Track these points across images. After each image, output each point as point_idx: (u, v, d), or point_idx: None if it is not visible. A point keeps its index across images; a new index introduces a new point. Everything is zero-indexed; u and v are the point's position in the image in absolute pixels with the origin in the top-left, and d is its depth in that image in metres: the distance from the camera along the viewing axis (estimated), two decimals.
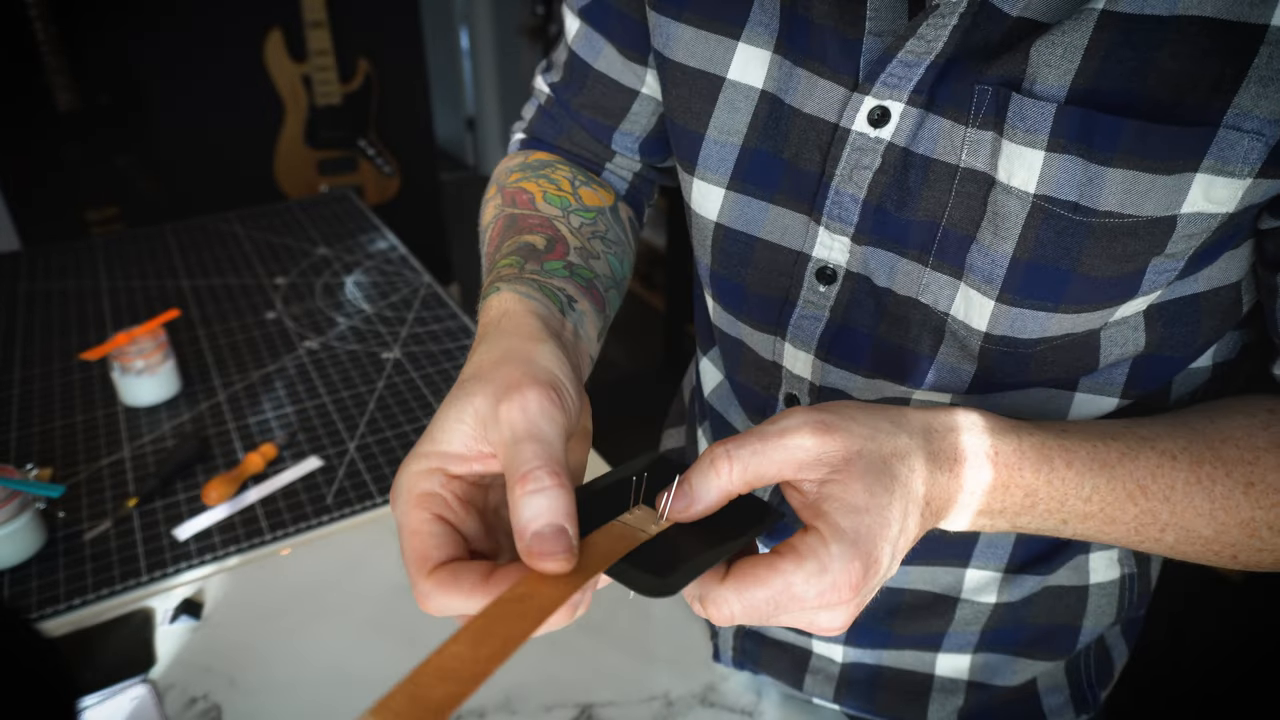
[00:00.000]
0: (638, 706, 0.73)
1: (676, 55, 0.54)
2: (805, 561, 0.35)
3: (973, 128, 0.43)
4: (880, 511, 0.36)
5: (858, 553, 0.35)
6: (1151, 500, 0.43)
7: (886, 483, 0.37)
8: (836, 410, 0.39)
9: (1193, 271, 0.44)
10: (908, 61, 0.44)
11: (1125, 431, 0.45)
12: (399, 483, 0.38)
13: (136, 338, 1.09)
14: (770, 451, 0.37)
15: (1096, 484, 0.43)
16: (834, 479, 0.37)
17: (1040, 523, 0.43)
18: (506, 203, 0.60)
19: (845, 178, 0.48)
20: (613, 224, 0.62)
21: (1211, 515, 0.44)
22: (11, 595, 0.83)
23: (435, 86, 3.50)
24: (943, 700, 0.65)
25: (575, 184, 0.63)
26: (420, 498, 0.37)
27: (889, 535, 0.36)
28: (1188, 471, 0.44)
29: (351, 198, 1.82)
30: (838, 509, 0.36)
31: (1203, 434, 0.45)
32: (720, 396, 0.68)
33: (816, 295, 0.53)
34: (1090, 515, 0.43)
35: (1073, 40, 0.40)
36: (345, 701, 0.73)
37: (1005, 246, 0.44)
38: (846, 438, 0.37)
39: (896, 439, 0.39)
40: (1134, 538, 0.45)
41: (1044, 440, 0.43)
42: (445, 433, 0.38)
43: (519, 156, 0.66)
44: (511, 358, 0.40)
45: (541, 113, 0.68)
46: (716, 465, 0.37)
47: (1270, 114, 0.37)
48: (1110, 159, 0.40)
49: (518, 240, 0.54)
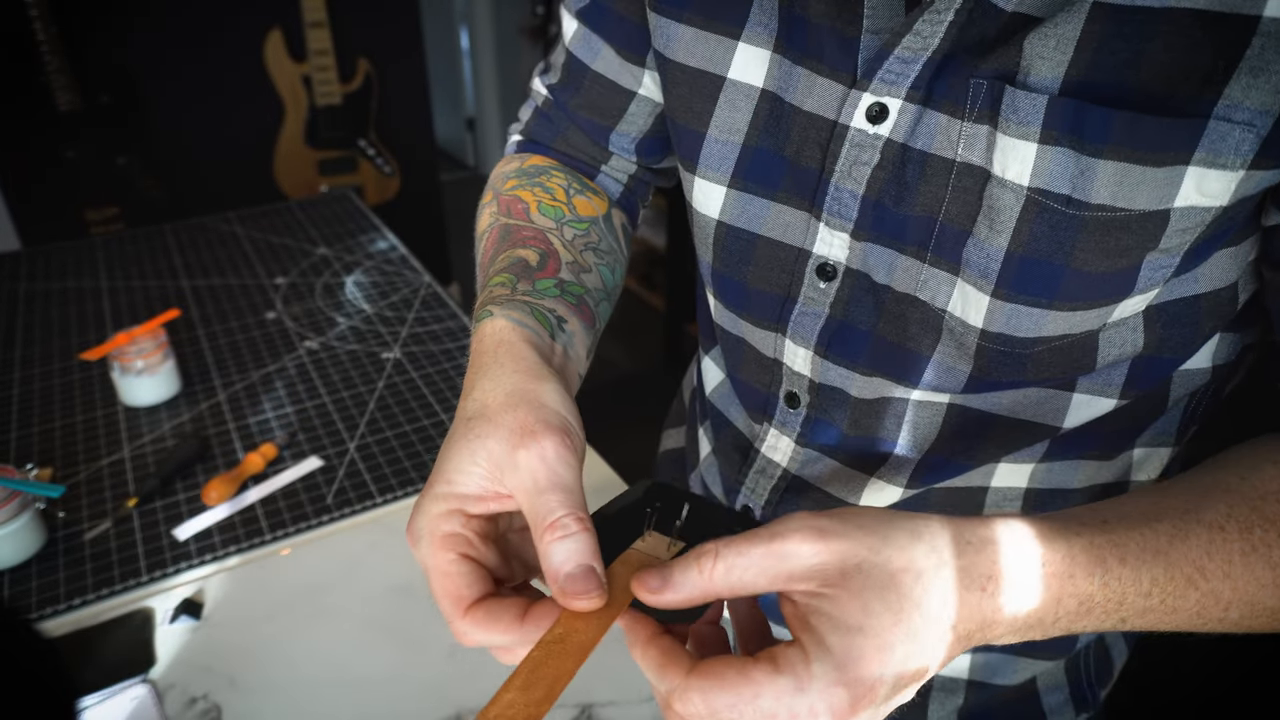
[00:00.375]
0: (638, 706, 0.73)
1: (677, 55, 0.54)
2: (780, 676, 0.32)
3: (968, 122, 0.43)
4: (879, 634, 0.32)
5: (843, 678, 0.32)
6: (1212, 580, 0.40)
7: (891, 601, 0.33)
8: (841, 516, 0.35)
9: (1189, 269, 0.44)
10: (905, 58, 0.44)
11: (1164, 508, 0.41)
12: (419, 526, 0.39)
13: (136, 338, 1.09)
14: (758, 557, 0.34)
15: (1154, 576, 0.39)
16: (826, 592, 0.33)
17: (1098, 624, 0.39)
18: (502, 211, 0.60)
19: (845, 174, 0.49)
20: (605, 234, 0.63)
21: (1275, 584, 0.41)
22: (11, 595, 0.83)
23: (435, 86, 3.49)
24: (943, 699, 0.65)
25: (570, 193, 0.63)
26: (444, 539, 0.38)
27: (890, 661, 0.32)
28: (1241, 541, 0.40)
29: (351, 198, 1.82)
30: (827, 626, 0.32)
31: (1240, 493, 0.42)
32: (721, 395, 0.69)
33: (817, 292, 0.53)
34: (1150, 610, 0.40)
35: (1065, 32, 0.40)
36: (345, 701, 0.73)
37: (1000, 241, 0.44)
38: (846, 546, 0.34)
39: (912, 553, 0.34)
40: (1196, 621, 0.41)
41: (1092, 539, 0.38)
42: (460, 474, 0.39)
43: (515, 161, 0.67)
44: (520, 400, 0.40)
45: (538, 114, 0.68)
46: (701, 561, 0.34)
47: (1261, 105, 0.37)
48: (1101, 150, 0.40)
49: (511, 254, 0.55)
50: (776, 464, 0.62)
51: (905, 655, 0.33)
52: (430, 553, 0.38)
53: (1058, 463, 0.55)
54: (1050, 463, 0.55)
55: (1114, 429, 0.54)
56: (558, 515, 0.36)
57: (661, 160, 0.68)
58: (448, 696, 0.73)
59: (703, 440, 0.74)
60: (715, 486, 0.71)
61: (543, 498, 0.37)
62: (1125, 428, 0.54)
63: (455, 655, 0.77)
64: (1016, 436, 0.54)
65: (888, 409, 0.55)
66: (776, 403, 0.60)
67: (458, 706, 0.73)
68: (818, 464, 0.60)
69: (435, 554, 0.38)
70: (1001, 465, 0.56)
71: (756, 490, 0.64)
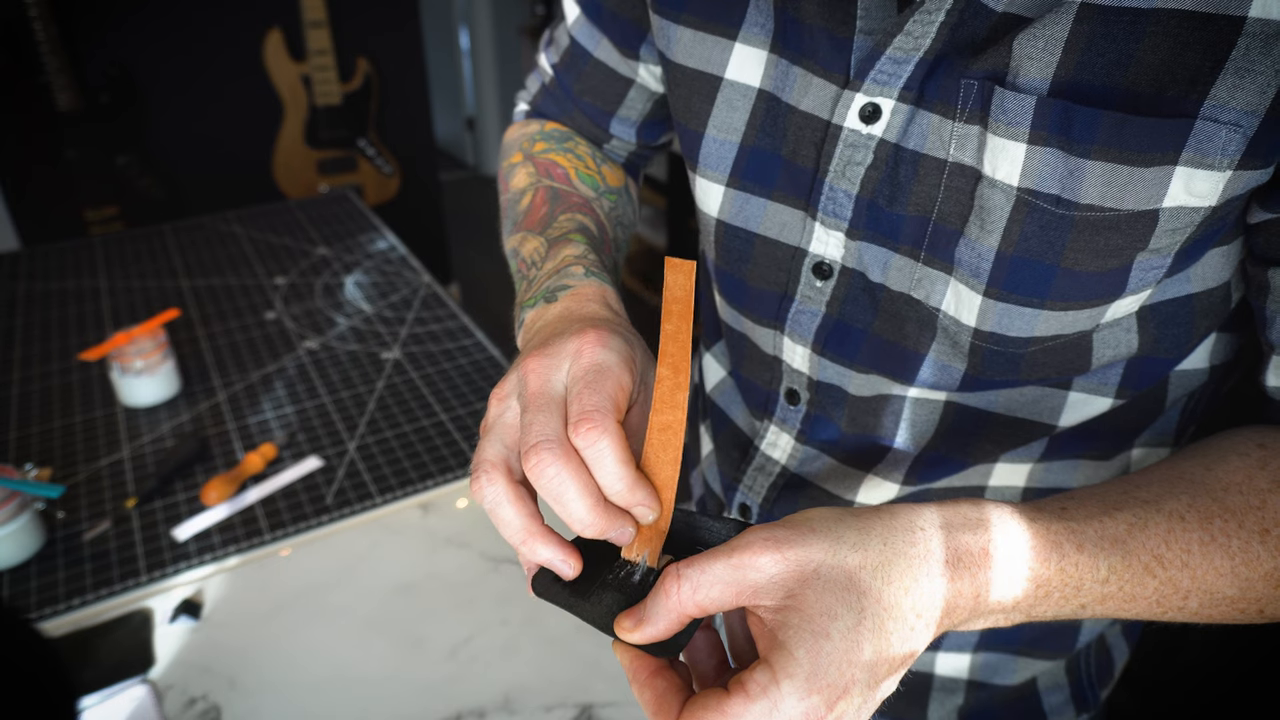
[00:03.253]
0: (638, 707, 0.72)
1: (677, 56, 0.55)
2: (754, 702, 0.32)
3: (960, 122, 0.44)
4: (846, 635, 0.33)
5: (815, 686, 0.32)
6: (1170, 569, 0.40)
7: (851, 601, 0.34)
8: (793, 524, 0.36)
9: (1181, 269, 0.44)
10: (897, 58, 0.45)
11: (1126, 498, 0.42)
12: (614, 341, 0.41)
13: (136, 338, 1.09)
14: (721, 571, 0.34)
15: (1112, 564, 0.39)
16: (789, 604, 0.34)
17: (1057, 610, 0.40)
18: (541, 173, 0.63)
19: (839, 174, 0.49)
20: (626, 205, 0.67)
21: (1234, 573, 0.41)
22: (11, 595, 0.83)
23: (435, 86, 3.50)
24: (943, 699, 0.65)
25: (598, 161, 0.67)
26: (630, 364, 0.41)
27: (860, 661, 0.33)
28: (1200, 530, 0.41)
29: (351, 198, 1.82)
30: (794, 638, 0.33)
31: (1203, 485, 0.43)
32: (723, 392, 0.69)
33: (813, 290, 0.53)
34: (1109, 596, 0.40)
35: (1053, 33, 0.40)
36: (345, 701, 0.73)
37: (991, 240, 0.44)
38: (801, 553, 0.34)
39: (866, 549, 0.35)
40: (1156, 610, 0.42)
41: (1048, 525, 0.39)
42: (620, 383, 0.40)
43: (534, 124, 0.69)
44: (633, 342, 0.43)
45: (545, 91, 0.70)
46: (666, 585, 0.35)
47: (1247, 105, 0.37)
48: (1089, 151, 0.40)
49: (574, 218, 0.58)
50: (776, 461, 0.62)
51: (874, 650, 0.34)
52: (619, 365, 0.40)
53: (1056, 463, 0.55)
54: (1049, 463, 0.55)
55: (1112, 429, 0.54)
56: (586, 408, 0.38)
57: (660, 138, 0.70)
58: (448, 696, 0.73)
59: (704, 438, 0.74)
60: (715, 484, 0.71)
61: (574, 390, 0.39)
62: (1123, 428, 0.54)
63: (455, 655, 0.77)
64: (1013, 434, 0.54)
65: (885, 406, 0.55)
66: (777, 399, 0.60)
67: (458, 706, 0.73)
68: (816, 461, 0.60)
69: (623, 370, 0.40)
70: (1000, 465, 0.56)
71: (755, 488, 0.64)
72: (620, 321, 0.46)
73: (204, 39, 2.53)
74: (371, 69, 2.72)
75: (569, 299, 0.48)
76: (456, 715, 0.72)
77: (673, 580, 0.35)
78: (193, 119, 2.59)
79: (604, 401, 0.38)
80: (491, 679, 0.75)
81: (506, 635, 0.79)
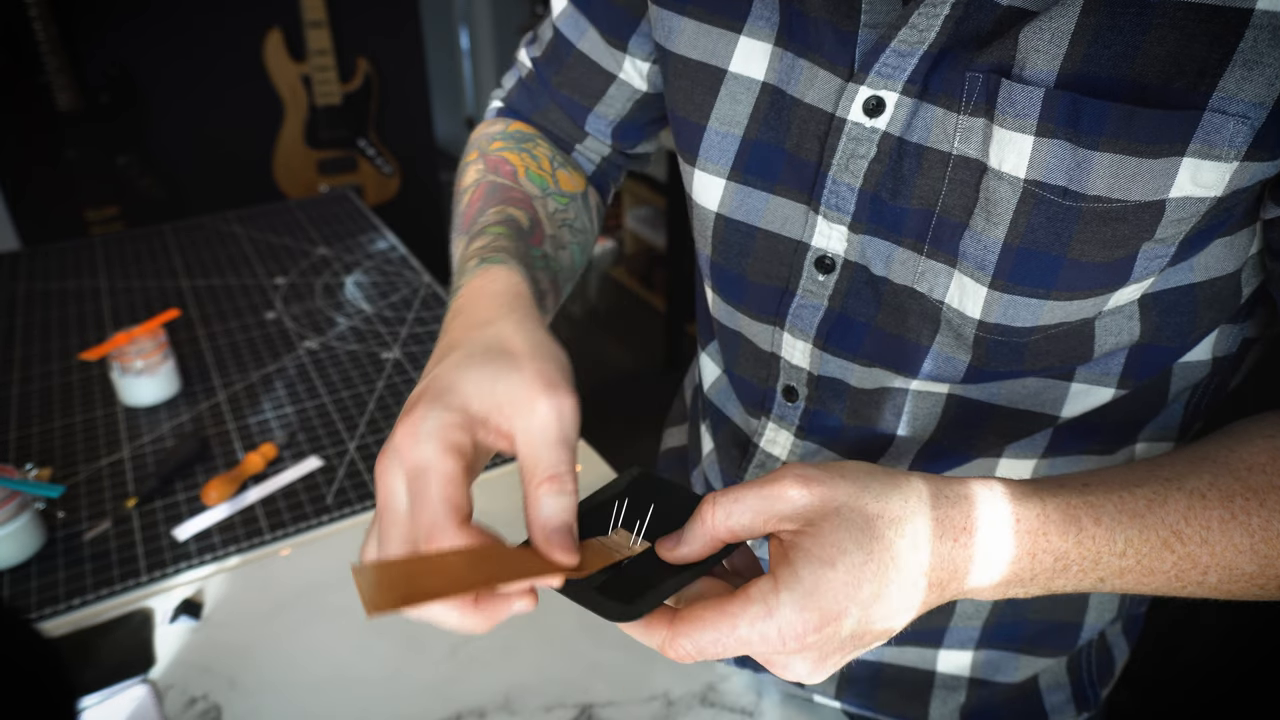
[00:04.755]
0: (638, 706, 0.73)
1: (679, 48, 0.55)
2: (751, 605, 0.35)
3: (964, 115, 0.44)
4: (851, 569, 0.35)
5: (812, 603, 0.35)
6: (1189, 545, 0.41)
7: (864, 541, 0.36)
8: (828, 466, 0.38)
9: (1185, 258, 0.44)
10: (901, 51, 0.45)
11: (1148, 476, 0.42)
12: (426, 426, 0.36)
13: (136, 338, 1.09)
14: (752, 500, 0.37)
15: (1129, 537, 0.40)
16: (807, 530, 0.36)
17: (1076, 584, 0.41)
18: (489, 169, 0.61)
19: (842, 167, 0.49)
20: (582, 211, 0.64)
21: (1253, 550, 0.41)
22: (11, 595, 0.83)
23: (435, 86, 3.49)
24: (944, 697, 0.65)
25: (554, 164, 0.64)
26: (454, 447, 0.36)
27: (857, 596, 0.35)
28: (1220, 508, 0.41)
29: (351, 198, 1.82)
30: (802, 558, 0.35)
31: (1226, 464, 0.43)
32: (719, 391, 0.69)
33: (815, 284, 0.53)
34: (1127, 570, 0.41)
35: (1060, 25, 0.40)
36: (345, 701, 0.73)
37: (997, 232, 0.44)
38: (827, 490, 0.37)
39: (888, 501, 0.37)
40: (1175, 584, 0.42)
41: (1068, 500, 0.40)
42: (478, 396, 0.38)
43: (499, 124, 0.68)
44: (546, 353, 0.40)
45: (521, 85, 0.69)
46: (702, 512, 0.38)
47: (1255, 97, 0.37)
48: (1097, 143, 0.40)
49: (504, 210, 0.55)
50: (776, 458, 0.62)
51: (872, 593, 0.36)
52: (438, 453, 0.36)
53: (1060, 458, 0.55)
54: (1053, 458, 0.55)
55: (1115, 422, 0.54)
56: (561, 470, 0.37)
57: (636, 145, 0.69)
58: (448, 696, 0.73)
59: (705, 438, 0.74)
60: (717, 483, 0.71)
61: (552, 450, 0.37)
62: (1126, 421, 0.54)
63: (455, 655, 0.77)
64: (1015, 426, 0.54)
65: (887, 399, 0.55)
66: (774, 397, 0.60)
67: (458, 706, 0.73)
68: (817, 456, 0.60)
69: (444, 457, 0.36)
70: (1004, 459, 0.56)
71: None
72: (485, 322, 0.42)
73: (204, 39, 2.53)
74: (371, 69, 2.72)
75: (450, 321, 0.44)
76: (456, 715, 0.72)
77: (708, 507, 0.38)
78: (193, 119, 2.59)
79: (435, 518, 0.35)
80: (491, 679, 0.75)
81: (506, 635, 0.79)
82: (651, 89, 0.64)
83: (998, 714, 0.65)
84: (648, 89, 0.64)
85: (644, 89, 0.64)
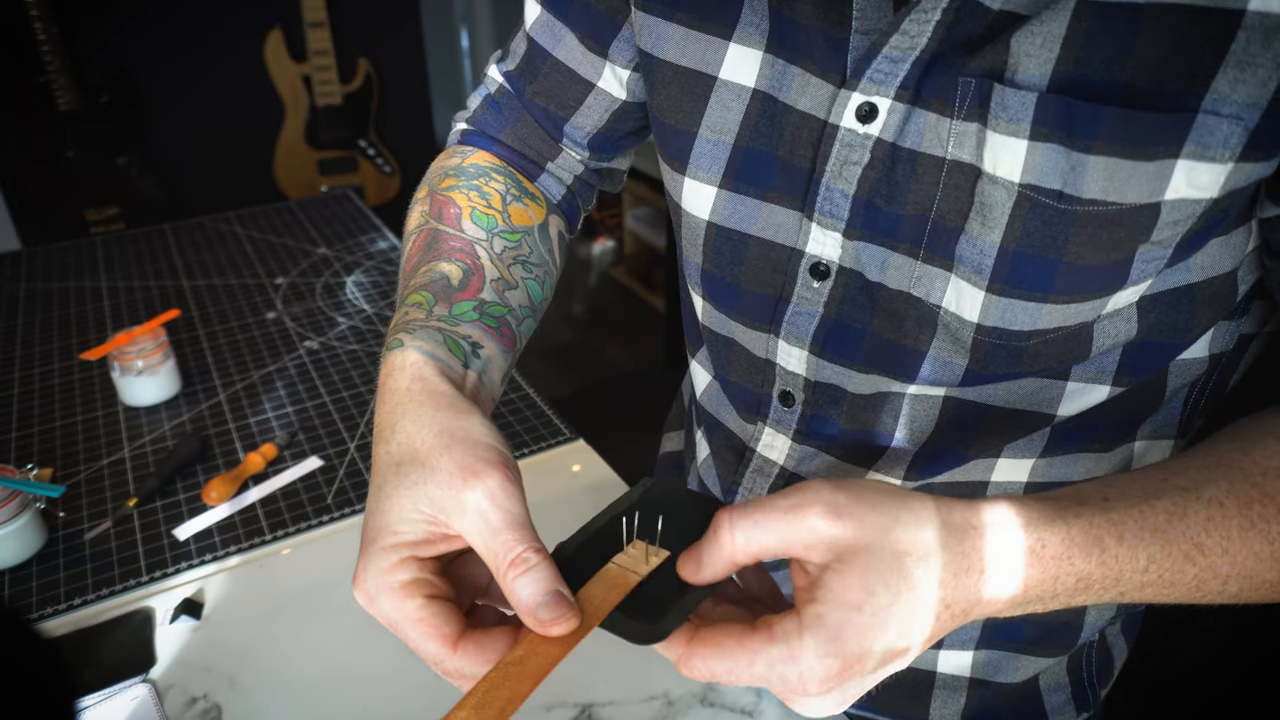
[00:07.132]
0: (638, 706, 0.73)
1: (667, 55, 0.54)
2: (774, 645, 0.35)
3: (958, 120, 0.44)
4: (877, 613, 0.35)
5: (836, 650, 0.34)
6: (1210, 556, 0.41)
7: (892, 582, 0.35)
8: (857, 494, 0.37)
9: (1182, 259, 0.44)
10: (893, 57, 0.45)
11: (1165, 485, 0.42)
12: (372, 584, 0.39)
13: (136, 338, 1.09)
14: (776, 526, 0.36)
15: (1152, 554, 0.40)
16: (835, 568, 0.35)
17: (1096, 599, 0.41)
18: (433, 214, 0.59)
19: (835, 174, 0.49)
20: (538, 245, 0.61)
21: (1273, 557, 0.41)
22: (11, 595, 0.83)
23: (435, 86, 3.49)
24: (945, 697, 0.65)
25: (507, 200, 0.62)
26: (405, 588, 0.39)
27: (882, 638, 0.35)
28: (1239, 517, 0.41)
29: (351, 198, 1.82)
30: (829, 600, 0.35)
31: (1241, 469, 0.43)
32: (711, 398, 0.68)
33: (810, 291, 0.53)
34: (1148, 584, 0.41)
35: (1051, 29, 0.40)
36: (345, 701, 0.73)
37: (993, 237, 0.44)
38: (858, 528, 0.35)
39: (918, 534, 0.36)
40: (1195, 594, 0.42)
41: (1091, 519, 0.39)
42: (405, 524, 0.39)
43: (456, 157, 0.65)
44: (451, 439, 0.40)
45: (489, 102, 0.67)
46: (720, 536, 0.37)
47: (1248, 98, 0.38)
48: (1091, 146, 0.40)
49: (434, 268, 0.54)
50: (774, 462, 0.62)
51: (898, 633, 0.35)
52: (395, 605, 0.38)
53: (1058, 457, 0.55)
54: (1050, 457, 0.55)
55: (1112, 420, 0.54)
56: (517, 551, 0.37)
57: (612, 159, 0.68)
58: (448, 696, 0.73)
59: (700, 444, 0.74)
60: (714, 488, 0.71)
61: (499, 537, 0.37)
62: (1124, 419, 0.54)
63: None
64: (1013, 426, 0.54)
65: (884, 403, 0.55)
66: (770, 402, 0.60)
67: None
68: (815, 459, 0.60)
69: (401, 605, 0.38)
70: (1002, 459, 0.56)
71: (754, 489, 0.64)
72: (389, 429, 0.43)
73: (204, 39, 2.53)
74: (372, 69, 2.72)
75: (377, 435, 0.44)
76: None
77: (727, 531, 0.36)
78: (193, 119, 2.60)
79: (429, 655, 0.39)
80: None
81: None
82: (631, 98, 0.62)
83: (998, 715, 0.65)
84: (627, 98, 0.62)
85: (623, 98, 0.62)
